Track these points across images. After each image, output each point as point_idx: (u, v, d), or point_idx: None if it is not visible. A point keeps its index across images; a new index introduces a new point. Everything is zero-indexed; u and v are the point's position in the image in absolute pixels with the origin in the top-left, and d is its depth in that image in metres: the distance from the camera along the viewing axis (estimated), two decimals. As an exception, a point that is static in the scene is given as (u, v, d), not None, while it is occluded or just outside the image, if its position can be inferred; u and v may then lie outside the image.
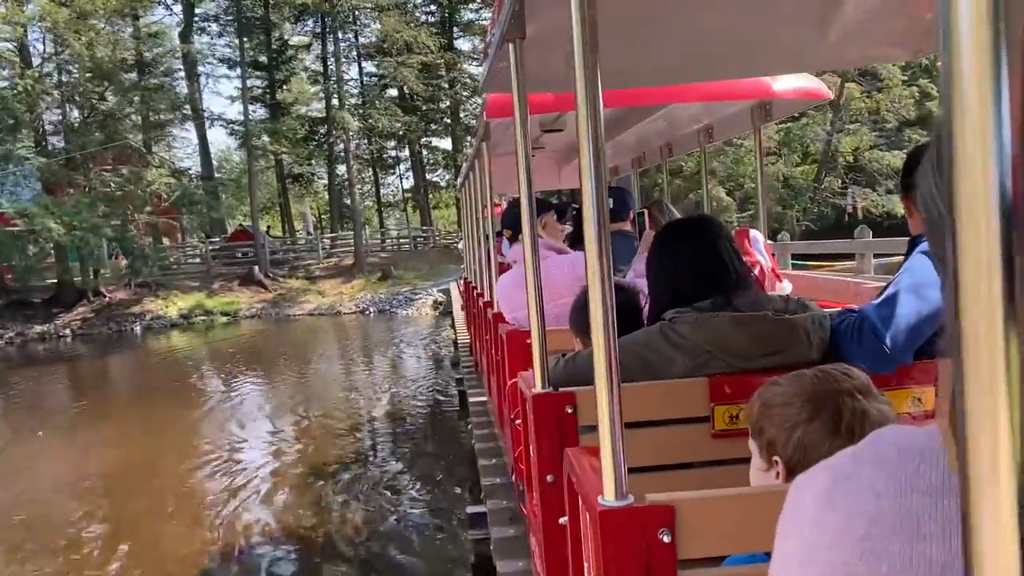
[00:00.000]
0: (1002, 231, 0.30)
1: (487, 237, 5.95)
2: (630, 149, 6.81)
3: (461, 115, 38.76)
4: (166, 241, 35.62)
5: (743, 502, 1.32)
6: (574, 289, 3.41)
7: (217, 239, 35.93)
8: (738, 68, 3.30)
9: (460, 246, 21.82)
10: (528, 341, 2.23)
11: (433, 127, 40.57)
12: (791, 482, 0.73)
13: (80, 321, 27.05)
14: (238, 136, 36.41)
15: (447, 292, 22.93)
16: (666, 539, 1.27)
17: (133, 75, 31.41)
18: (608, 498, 1.32)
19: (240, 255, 33.47)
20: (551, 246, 3.60)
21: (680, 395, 2.03)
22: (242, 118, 34.41)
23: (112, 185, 27.17)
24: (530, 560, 2.76)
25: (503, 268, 4.56)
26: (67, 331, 26.52)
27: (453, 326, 14.44)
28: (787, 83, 3.82)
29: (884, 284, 2.20)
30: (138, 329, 26.83)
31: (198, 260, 34.19)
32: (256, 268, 30.71)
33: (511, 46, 2.08)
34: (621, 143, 6.44)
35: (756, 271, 3.60)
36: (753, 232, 3.67)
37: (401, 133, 38.13)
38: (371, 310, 27.30)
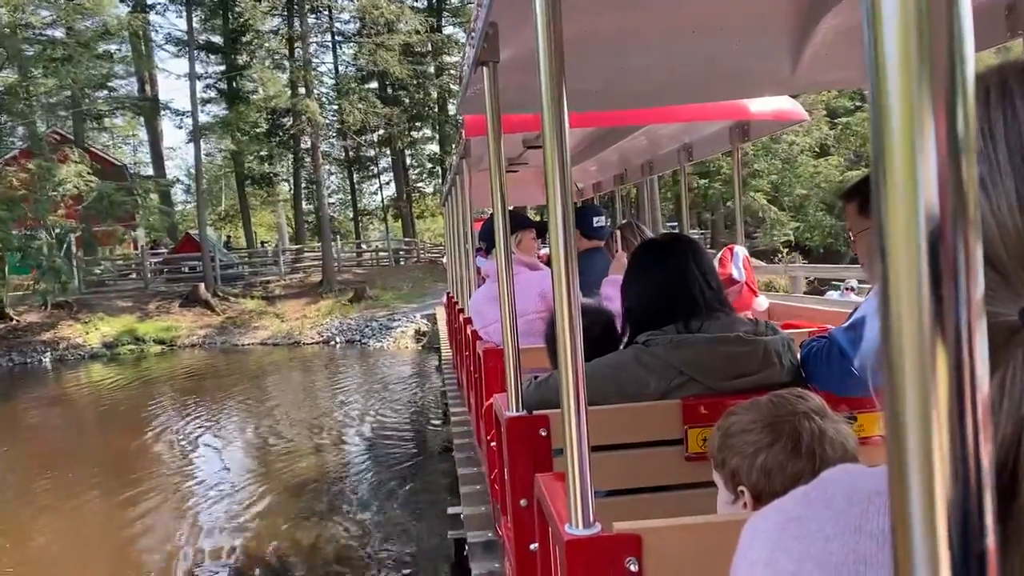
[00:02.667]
0: (929, 252, 0.31)
1: (467, 252, 5.95)
2: (613, 166, 6.83)
3: (450, 109, 32.77)
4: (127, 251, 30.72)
5: (711, 530, 1.31)
6: (537, 306, 3.40)
7: (163, 251, 30.85)
8: (713, 92, 3.32)
9: (445, 260, 19.80)
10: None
11: (418, 125, 35.05)
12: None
13: (-26, 351, 21.72)
14: (187, 128, 29.98)
15: (432, 319, 18.16)
16: (633, 568, 1.26)
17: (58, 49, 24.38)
18: (575, 527, 1.30)
19: (187, 269, 28.04)
20: (523, 262, 3.59)
21: (653, 418, 2.02)
22: (201, 108, 28.70)
23: (14, 183, 21.66)
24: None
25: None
26: (-44, 364, 21.02)
27: (440, 368, 10.85)
28: (764, 104, 3.85)
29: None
30: (46, 361, 21.46)
31: (138, 276, 28.33)
32: (202, 286, 25.20)
33: (485, 69, 2.08)
34: (604, 160, 6.46)
35: (737, 287, 3.64)
36: (737, 248, 3.74)
37: (381, 131, 32.54)
38: (338, 340, 21.99)
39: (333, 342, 21.90)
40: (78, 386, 17.63)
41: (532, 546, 1.73)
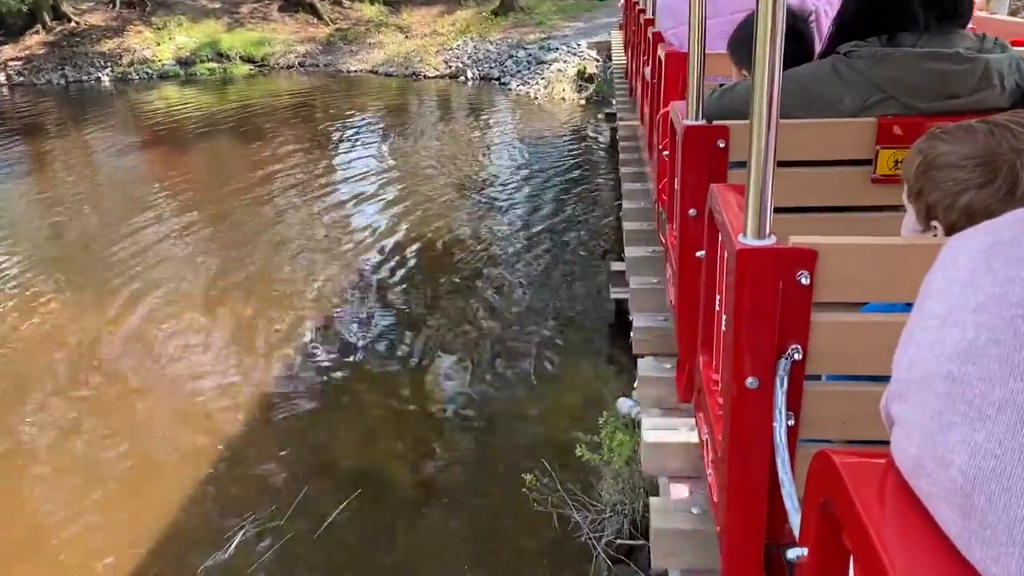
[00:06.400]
0: None
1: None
2: None
3: None
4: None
5: (891, 252, 1.27)
6: (744, 4, 3.14)
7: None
8: None
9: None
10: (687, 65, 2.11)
11: None
12: None
13: (23, 61, 17.59)
14: None
15: (604, 51, 13.05)
16: (804, 281, 1.26)
17: None
18: (749, 237, 1.30)
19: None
20: None
21: (844, 135, 1.91)
22: None
23: None
24: (664, 283, 2.84)
25: None
26: (1, 77, 17.24)
27: (616, 155, 6.97)
28: None
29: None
30: (106, 80, 17.41)
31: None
32: (306, -17, 18.68)
33: None
34: None
35: None
36: None
37: None
38: (469, 74, 16.47)
39: (463, 77, 16.69)
40: (156, 111, 14.47)
41: (699, 253, 1.75)
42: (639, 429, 2.44)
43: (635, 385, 2.74)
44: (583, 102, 13.55)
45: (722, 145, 1.94)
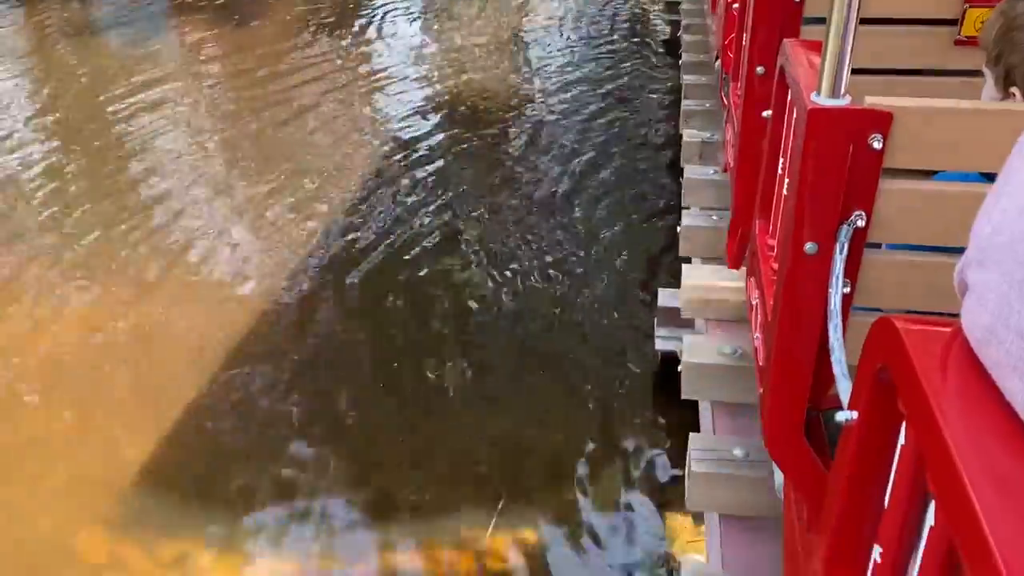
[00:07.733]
0: None
1: None
2: None
3: None
4: None
5: (972, 118, 1.21)
6: None
7: None
8: None
9: None
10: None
11: None
12: None
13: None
14: None
15: None
16: (876, 145, 1.21)
17: None
18: (823, 96, 1.24)
19: None
20: None
21: None
22: None
23: None
24: (723, 149, 2.76)
25: None
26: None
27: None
28: None
29: None
30: None
31: None
32: None
33: None
34: None
35: None
36: None
37: None
38: None
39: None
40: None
41: (764, 113, 1.69)
42: None
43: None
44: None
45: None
